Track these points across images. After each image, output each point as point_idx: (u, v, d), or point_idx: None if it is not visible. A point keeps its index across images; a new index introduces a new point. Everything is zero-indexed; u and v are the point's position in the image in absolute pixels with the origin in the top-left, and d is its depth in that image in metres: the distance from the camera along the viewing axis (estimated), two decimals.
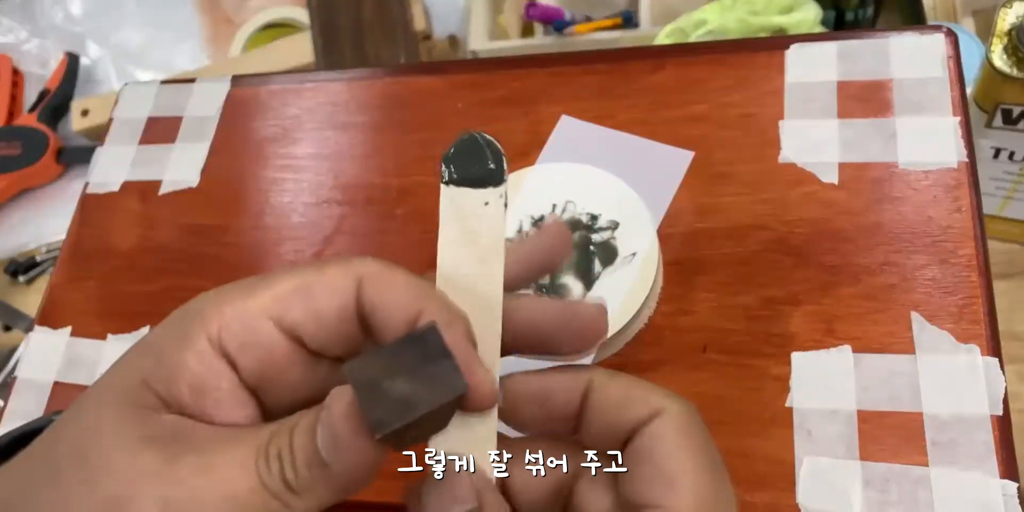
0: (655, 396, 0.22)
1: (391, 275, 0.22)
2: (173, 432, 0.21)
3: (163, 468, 0.20)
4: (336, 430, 0.20)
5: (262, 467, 0.20)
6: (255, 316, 0.22)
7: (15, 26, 1.02)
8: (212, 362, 0.21)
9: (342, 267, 0.22)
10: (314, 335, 0.22)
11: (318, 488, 0.21)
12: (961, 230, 0.35)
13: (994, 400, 0.31)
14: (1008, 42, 0.49)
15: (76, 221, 0.48)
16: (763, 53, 0.41)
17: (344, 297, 0.22)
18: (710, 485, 0.21)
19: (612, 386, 0.22)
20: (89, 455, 0.21)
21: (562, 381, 0.23)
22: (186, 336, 0.22)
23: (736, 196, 0.38)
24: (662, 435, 0.21)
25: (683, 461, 0.21)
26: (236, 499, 0.20)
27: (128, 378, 0.22)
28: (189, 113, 0.50)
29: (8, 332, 0.80)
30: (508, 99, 0.44)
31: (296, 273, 0.23)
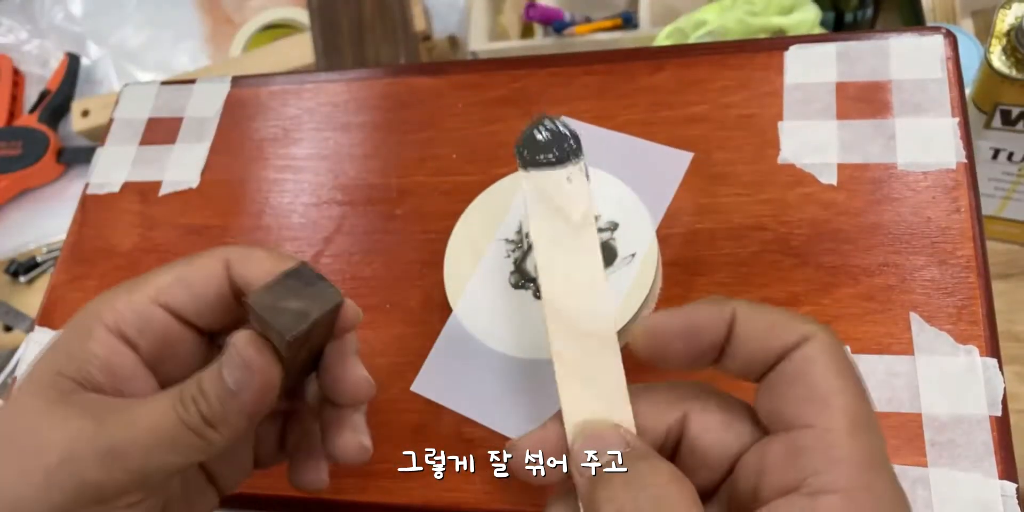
0: (801, 323, 0.23)
1: (251, 252, 0.27)
2: (94, 404, 0.25)
3: (94, 429, 0.24)
4: (244, 355, 0.24)
5: (180, 411, 0.24)
6: (145, 304, 0.26)
7: (15, 26, 1.02)
8: (115, 346, 0.26)
9: (209, 256, 0.27)
10: (198, 314, 0.27)
11: (231, 417, 0.25)
12: (960, 231, 0.35)
13: (993, 401, 0.31)
14: (1007, 43, 0.49)
15: (76, 221, 0.48)
16: (763, 54, 0.41)
17: (217, 279, 0.27)
18: (861, 405, 0.21)
19: (757, 316, 0.23)
20: (20, 436, 0.24)
21: (708, 315, 0.24)
22: (88, 330, 0.26)
23: (735, 197, 0.38)
24: (813, 358, 0.22)
25: (834, 382, 0.21)
26: (165, 440, 0.24)
27: (43, 373, 0.25)
28: (189, 113, 0.50)
29: (8, 332, 0.80)
30: (508, 99, 0.44)
31: (170, 268, 0.27)
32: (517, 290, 0.36)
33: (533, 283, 0.36)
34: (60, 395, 0.25)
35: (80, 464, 0.24)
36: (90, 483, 0.24)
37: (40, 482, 0.23)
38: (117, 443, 0.24)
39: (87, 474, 0.24)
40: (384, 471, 0.37)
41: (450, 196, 0.41)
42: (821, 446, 0.21)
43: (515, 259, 0.37)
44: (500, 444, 0.36)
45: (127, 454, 0.24)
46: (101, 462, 0.24)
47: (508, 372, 0.36)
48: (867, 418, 0.21)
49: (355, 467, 0.37)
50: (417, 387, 0.37)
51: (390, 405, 0.38)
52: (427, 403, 0.37)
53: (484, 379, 0.36)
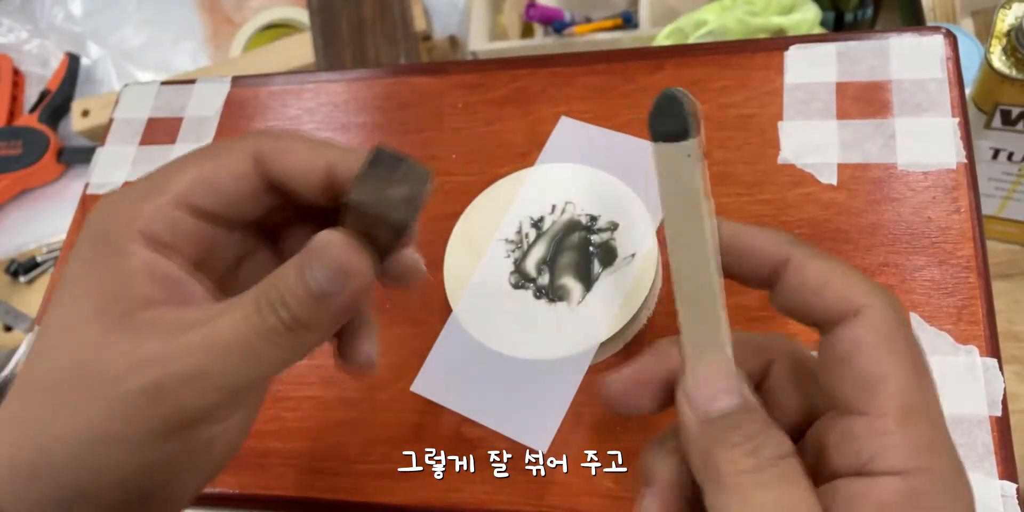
0: (856, 291, 0.21)
1: (284, 144, 0.24)
2: (158, 323, 0.23)
3: (169, 350, 0.22)
4: (341, 260, 0.22)
5: (261, 322, 0.22)
6: (169, 209, 0.23)
7: (15, 26, 1.02)
8: (153, 258, 0.23)
9: (235, 151, 0.24)
10: (229, 213, 0.24)
11: (323, 321, 0.23)
12: (960, 231, 0.35)
13: (993, 401, 0.31)
14: (1007, 43, 0.49)
15: (76, 221, 0.48)
16: (763, 54, 0.41)
17: (248, 178, 0.24)
18: (915, 392, 0.21)
19: (811, 268, 0.22)
20: (93, 370, 0.22)
21: (764, 243, 0.23)
22: (118, 246, 0.23)
23: (736, 196, 0.38)
24: (861, 340, 0.21)
25: (885, 365, 0.20)
26: (245, 354, 0.22)
27: (84, 299, 0.23)
28: (189, 113, 0.50)
29: (8, 332, 0.80)
30: (508, 99, 0.44)
31: (189, 165, 0.24)
32: (517, 290, 0.36)
33: (533, 283, 0.36)
34: (117, 319, 0.23)
35: (161, 389, 0.22)
36: (174, 407, 0.22)
37: (120, 413, 0.22)
38: (197, 363, 0.22)
39: (170, 398, 0.22)
40: (384, 471, 0.37)
41: (450, 196, 0.41)
42: (873, 435, 0.20)
43: (515, 259, 0.37)
44: (500, 444, 0.36)
45: (209, 373, 0.22)
46: (183, 384, 0.22)
47: (508, 372, 0.36)
48: (922, 402, 0.21)
49: (355, 467, 0.37)
50: (417, 387, 0.37)
51: (390, 405, 0.38)
52: (427, 403, 0.37)
53: (484, 379, 0.36)
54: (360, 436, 0.38)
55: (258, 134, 0.25)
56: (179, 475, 0.24)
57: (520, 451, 0.35)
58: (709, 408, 0.21)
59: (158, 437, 0.22)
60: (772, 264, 0.23)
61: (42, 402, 0.23)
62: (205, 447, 0.24)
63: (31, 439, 0.23)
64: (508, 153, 0.43)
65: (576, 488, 0.34)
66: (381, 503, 0.36)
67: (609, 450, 0.35)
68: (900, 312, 0.21)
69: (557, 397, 0.35)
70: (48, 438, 0.22)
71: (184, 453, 0.23)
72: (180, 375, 0.22)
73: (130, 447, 0.22)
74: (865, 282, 0.22)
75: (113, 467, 0.22)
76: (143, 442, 0.22)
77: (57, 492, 0.23)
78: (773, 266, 0.23)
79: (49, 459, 0.22)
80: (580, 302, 0.36)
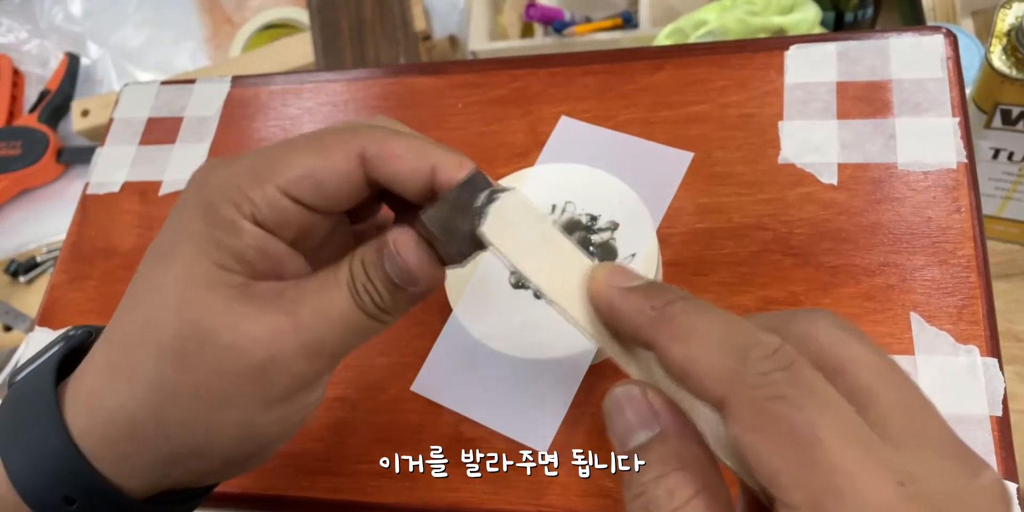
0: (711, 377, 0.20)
1: (390, 146, 0.25)
2: (275, 295, 0.25)
3: (292, 324, 0.24)
4: (407, 268, 0.25)
5: (359, 301, 0.25)
6: (277, 197, 0.25)
7: (15, 26, 1.02)
8: (264, 237, 0.25)
9: (341, 147, 0.25)
10: (327, 207, 0.26)
11: (400, 304, 0.26)
12: (960, 231, 0.35)
13: (993, 401, 0.31)
14: (1007, 43, 0.49)
15: (76, 221, 0.48)
16: (763, 53, 0.41)
17: (350, 179, 0.25)
18: (810, 477, 0.19)
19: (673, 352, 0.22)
20: (216, 336, 0.24)
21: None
22: (231, 221, 0.24)
23: (736, 196, 0.38)
24: (739, 441, 0.20)
25: (767, 462, 0.19)
26: (351, 327, 0.25)
27: (200, 266, 0.24)
28: (189, 113, 0.50)
29: (8, 332, 0.80)
30: (508, 99, 0.44)
31: (297, 154, 0.25)
32: (517, 290, 0.36)
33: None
34: (237, 290, 0.24)
35: (286, 359, 0.24)
36: (298, 375, 0.25)
37: (238, 381, 0.24)
38: (317, 335, 0.24)
39: (295, 367, 0.24)
40: (384, 471, 0.37)
41: None
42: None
43: None
44: (500, 444, 0.36)
45: (325, 344, 0.25)
46: (306, 354, 0.24)
47: (508, 372, 0.36)
48: (822, 485, 0.18)
49: (355, 467, 0.37)
50: (417, 387, 0.37)
51: (390, 405, 0.38)
52: (427, 403, 0.37)
53: (484, 379, 0.36)
54: (360, 436, 0.38)
55: (365, 131, 0.26)
56: (280, 435, 0.26)
57: (520, 451, 0.35)
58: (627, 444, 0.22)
59: (271, 403, 0.25)
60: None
61: (159, 358, 0.24)
62: (305, 408, 0.26)
63: (149, 394, 0.24)
64: (508, 153, 0.43)
65: (575, 488, 0.34)
66: (381, 503, 0.36)
67: (609, 450, 0.35)
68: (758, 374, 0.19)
69: (557, 397, 0.35)
70: (166, 395, 0.24)
71: (292, 412, 0.26)
72: (300, 346, 0.24)
73: (244, 411, 0.24)
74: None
75: (226, 428, 0.25)
76: (257, 407, 0.24)
77: (172, 448, 0.25)
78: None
79: (167, 417, 0.24)
80: None
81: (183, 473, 0.26)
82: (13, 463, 0.25)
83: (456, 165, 0.25)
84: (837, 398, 0.19)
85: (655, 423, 0.21)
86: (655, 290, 0.22)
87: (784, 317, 0.22)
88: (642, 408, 0.22)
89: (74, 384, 0.25)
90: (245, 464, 0.27)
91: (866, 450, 0.18)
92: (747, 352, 0.19)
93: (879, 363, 0.20)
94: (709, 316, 0.21)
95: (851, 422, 0.18)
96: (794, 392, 0.19)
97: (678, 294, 0.22)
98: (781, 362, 0.19)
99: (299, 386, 0.25)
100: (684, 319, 0.21)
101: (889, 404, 0.20)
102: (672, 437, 0.21)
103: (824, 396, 0.19)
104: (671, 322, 0.21)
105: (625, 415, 0.22)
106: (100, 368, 0.25)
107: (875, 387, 0.20)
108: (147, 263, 0.26)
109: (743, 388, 0.19)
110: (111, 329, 0.26)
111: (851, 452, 0.18)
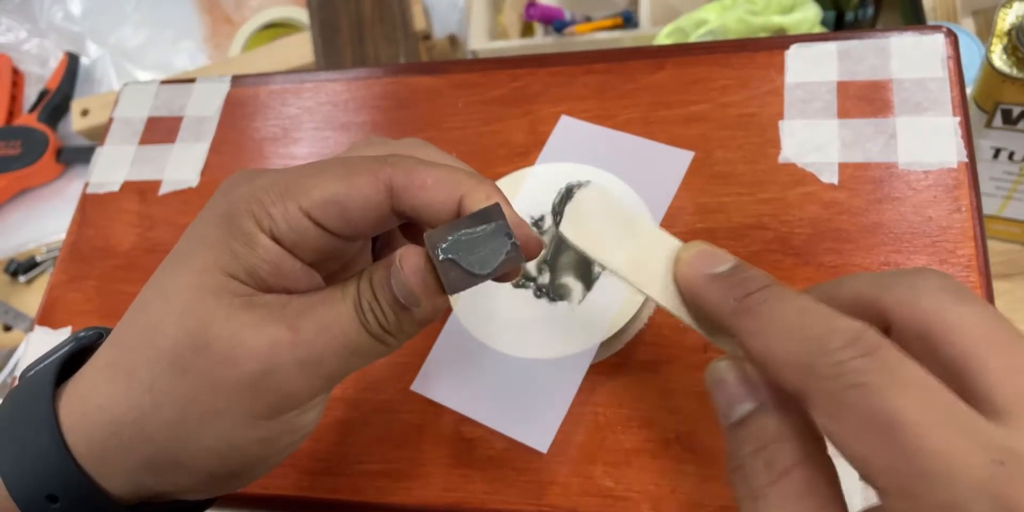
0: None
1: (420, 177, 0.25)
2: (278, 308, 0.24)
3: (291, 337, 0.24)
4: (410, 288, 0.24)
5: (363, 319, 0.24)
6: (299, 218, 0.24)
7: (15, 26, 1.02)
8: (280, 253, 0.24)
9: (369, 176, 0.25)
10: (351, 234, 0.25)
11: (405, 326, 0.25)
12: (961, 230, 0.35)
13: None
14: (1008, 42, 0.49)
15: (76, 221, 0.48)
16: (763, 53, 0.41)
17: (377, 209, 0.25)
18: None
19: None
20: (213, 344, 0.23)
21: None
22: (249, 235, 0.24)
23: (736, 196, 0.38)
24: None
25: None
26: (353, 347, 0.24)
27: (211, 274, 0.24)
28: (189, 113, 0.50)
29: (8, 332, 0.80)
30: (508, 99, 0.44)
31: (325, 177, 0.25)
32: (517, 289, 0.36)
33: (533, 282, 0.36)
34: (242, 300, 0.24)
35: (281, 373, 0.24)
36: (290, 391, 0.24)
37: (230, 393, 0.23)
38: (315, 352, 0.24)
39: (288, 384, 0.24)
40: (384, 471, 0.37)
41: None
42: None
43: None
44: (500, 444, 0.36)
45: (323, 362, 0.24)
46: (301, 371, 0.24)
47: (508, 372, 0.36)
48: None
49: (355, 467, 0.37)
50: (417, 387, 0.37)
51: (390, 405, 0.38)
52: (427, 403, 0.37)
53: (484, 379, 0.36)
54: (360, 436, 0.37)
55: (394, 160, 0.25)
56: (269, 455, 0.26)
57: (520, 451, 0.35)
58: (731, 416, 0.22)
59: (258, 419, 0.24)
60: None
61: (154, 363, 0.24)
62: (295, 430, 0.25)
63: (141, 397, 0.24)
64: (508, 153, 0.43)
65: (576, 488, 0.34)
66: (381, 503, 0.36)
67: (609, 450, 0.34)
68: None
69: (557, 397, 0.35)
70: (156, 400, 0.24)
71: (279, 434, 0.25)
72: (296, 361, 0.24)
73: (229, 425, 0.24)
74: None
75: (208, 441, 0.24)
76: (243, 422, 0.24)
77: (154, 454, 0.24)
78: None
79: (154, 421, 0.24)
80: (581, 301, 0.36)
81: (164, 483, 0.25)
82: (3, 459, 0.24)
83: (484, 198, 0.25)
84: (924, 378, 0.18)
85: (757, 395, 0.22)
86: (739, 278, 0.23)
87: (885, 282, 0.22)
88: (743, 381, 0.22)
89: (73, 384, 0.25)
90: (228, 482, 0.26)
91: (958, 429, 0.17)
92: (824, 343, 0.19)
93: (988, 327, 0.20)
94: (788, 306, 0.21)
95: (941, 401, 0.18)
96: (873, 378, 0.18)
97: (760, 282, 0.22)
98: (862, 348, 0.19)
99: (290, 405, 0.24)
100: (763, 310, 0.21)
101: (997, 374, 0.19)
102: (773, 409, 0.21)
103: (909, 377, 0.18)
104: (750, 314, 0.21)
105: (727, 388, 0.22)
106: (99, 369, 0.25)
107: (983, 355, 0.19)
108: (163, 267, 0.26)
109: (819, 379, 0.19)
110: (117, 331, 0.26)
111: (939, 432, 0.17)
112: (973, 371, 0.19)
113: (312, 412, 0.26)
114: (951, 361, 0.19)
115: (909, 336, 0.20)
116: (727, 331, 0.23)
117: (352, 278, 0.26)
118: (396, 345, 0.26)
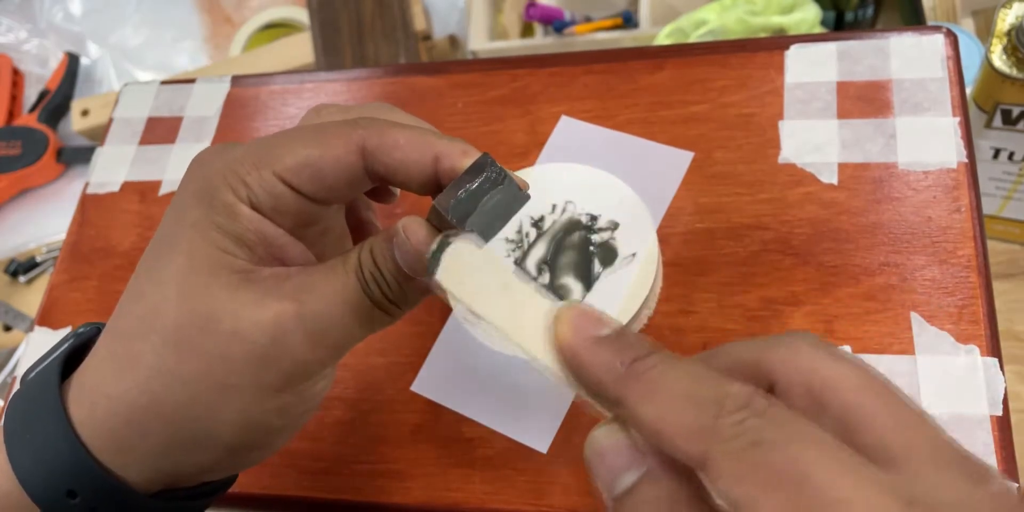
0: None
1: (392, 137, 0.25)
2: (280, 281, 0.25)
3: (296, 310, 0.24)
4: (418, 257, 0.25)
5: (367, 289, 0.25)
6: (274, 183, 0.24)
7: (15, 26, 1.02)
8: (262, 222, 0.25)
9: (341, 138, 0.25)
10: (326, 197, 0.25)
11: (409, 295, 0.26)
12: (961, 230, 0.35)
13: (994, 400, 0.31)
14: (1007, 42, 0.49)
15: (76, 221, 0.48)
16: (763, 53, 0.41)
17: (350, 170, 0.25)
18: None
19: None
20: (219, 323, 0.24)
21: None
22: (230, 206, 0.24)
23: (736, 196, 0.38)
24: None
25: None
26: (359, 317, 0.25)
27: (202, 252, 0.24)
28: (189, 113, 0.50)
29: (8, 332, 0.80)
30: (508, 99, 0.44)
31: (296, 142, 0.25)
32: None
33: (533, 282, 0.36)
34: (241, 276, 0.24)
35: (288, 345, 0.24)
36: (300, 362, 0.24)
37: (241, 367, 0.24)
38: (322, 323, 0.24)
39: (297, 355, 0.24)
40: (384, 471, 0.37)
41: None
42: None
43: (515, 258, 0.37)
44: (500, 444, 0.36)
45: (330, 332, 0.25)
46: (308, 341, 0.24)
47: (508, 372, 0.36)
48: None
49: (355, 467, 0.37)
50: (417, 387, 0.37)
51: (390, 405, 0.38)
52: (427, 403, 0.37)
53: (484, 379, 0.36)
54: (360, 436, 0.37)
55: (365, 123, 0.26)
56: (286, 425, 0.26)
57: (520, 451, 0.35)
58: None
59: (273, 390, 0.24)
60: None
61: (160, 346, 0.24)
62: (309, 400, 0.26)
63: (150, 381, 0.24)
64: (508, 153, 0.43)
65: (576, 488, 0.34)
66: (381, 503, 0.36)
67: None
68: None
69: (557, 397, 0.35)
70: (167, 381, 0.24)
71: (292, 404, 0.25)
72: (303, 332, 0.24)
73: (245, 398, 0.24)
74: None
75: (227, 414, 0.24)
76: (258, 394, 0.24)
77: (172, 434, 0.24)
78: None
79: (168, 402, 0.24)
80: (581, 302, 0.35)
81: (184, 464, 0.25)
82: (18, 459, 0.24)
83: (459, 153, 0.25)
84: (818, 433, 0.18)
85: (643, 461, 0.20)
86: (624, 342, 0.21)
87: (761, 346, 0.21)
88: (626, 448, 0.20)
89: (78, 378, 0.25)
90: (248, 455, 0.26)
91: (860, 477, 0.17)
92: (720, 405, 0.19)
93: (863, 380, 0.20)
94: (679, 371, 0.20)
95: (838, 452, 0.18)
96: (773, 435, 0.18)
97: (647, 348, 0.21)
98: (756, 408, 0.19)
99: (301, 375, 0.25)
100: (653, 376, 0.20)
101: (883, 423, 0.19)
102: (663, 475, 0.20)
103: (805, 432, 0.18)
104: (640, 380, 0.20)
105: (609, 458, 0.20)
106: (102, 359, 0.25)
107: (865, 406, 0.19)
108: (148, 256, 0.26)
109: (721, 441, 0.18)
110: (113, 322, 0.26)
111: (844, 481, 0.17)
112: (863, 424, 0.19)
113: (323, 382, 0.26)
114: (840, 413, 0.19)
115: (795, 393, 0.20)
116: (610, 400, 0.21)
117: (353, 250, 0.26)
118: (400, 314, 0.26)
